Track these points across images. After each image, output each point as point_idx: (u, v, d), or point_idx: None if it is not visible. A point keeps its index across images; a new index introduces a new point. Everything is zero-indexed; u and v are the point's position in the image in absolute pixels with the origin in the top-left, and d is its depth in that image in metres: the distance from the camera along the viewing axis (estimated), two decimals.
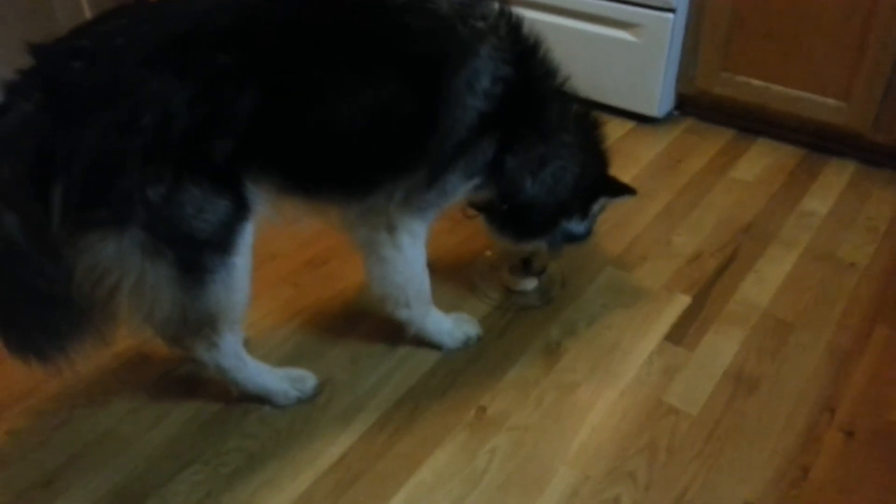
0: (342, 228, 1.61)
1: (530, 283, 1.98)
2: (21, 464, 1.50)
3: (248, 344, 1.76)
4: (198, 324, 1.42)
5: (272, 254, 2.07)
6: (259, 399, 1.61)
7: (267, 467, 1.49)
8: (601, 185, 1.76)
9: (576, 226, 1.78)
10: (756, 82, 2.55)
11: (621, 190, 1.80)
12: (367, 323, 1.84)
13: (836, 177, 2.46)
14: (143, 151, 1.20)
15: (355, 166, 1.45)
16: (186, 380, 1.68)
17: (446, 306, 1.80)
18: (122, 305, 1.33)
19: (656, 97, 2.70)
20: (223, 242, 1.35)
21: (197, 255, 1.33)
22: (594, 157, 1.73)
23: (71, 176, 1.18)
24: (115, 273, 1.27)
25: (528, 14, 2.74)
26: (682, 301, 1.93)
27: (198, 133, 1.24)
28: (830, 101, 2.44)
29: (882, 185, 2.42)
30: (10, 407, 1.61)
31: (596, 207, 1.78)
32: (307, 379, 1.66)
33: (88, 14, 2.85)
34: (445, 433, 1.57)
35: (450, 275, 2.01)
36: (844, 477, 1.49)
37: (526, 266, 1.96)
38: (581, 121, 1.69)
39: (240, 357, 1.55)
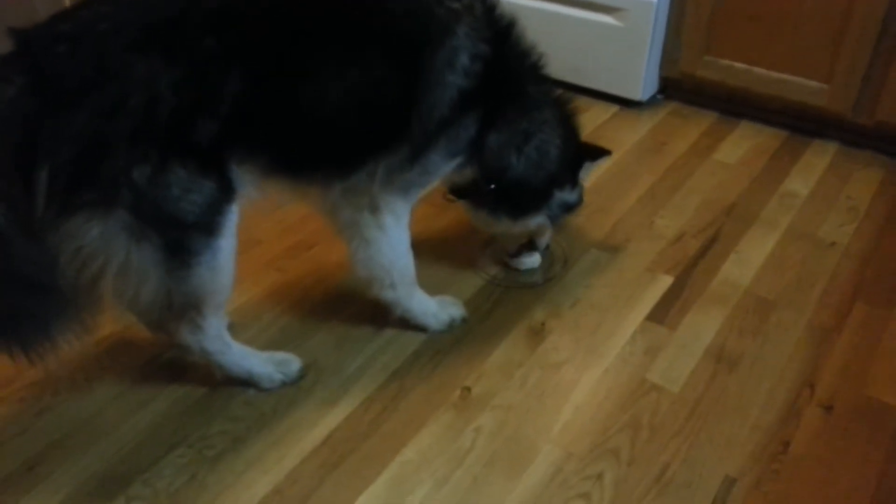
0: (325, 211, 1.61)
1: (537, 261, 1.99)
2: (3, 449, 1.49)
3: (232, 328, 1.76)
4: (183, 307, 1.42)
5: (257, 239, 2.07)
6: (244, 383, 1.61)
7: (252, 449, 1.50)
8: (582, 152, 1.82)
9: (569, 194, 1.82)
10: (739, 65, 2.57)
11: (599, 153, 1.87)
12: (351, 306, 1.84)
13: (818, 158, 2.48)
14: (129, 134, 1.20)
15: (339, 145, 1.46)
16: (170, 365, 1.68)
17: (434, 286, 1.81)
18: (107, 290, 1.32)
19: (640, 81, 2.70)
20: (209, 225, 1.35)
21: (182, 238, 1.32)
22: (571, 130, 1.77)
23: (58, 159, 1.17)
24: (100, 256, 1.26)
25: None
26: (665, 281, 1.94)
27: (184, 115, 1.24)
28: (812, 84, 2.45)
29: (863, 166, 2.44)
30: None
31: (583, 174, 1.83)
32: (291, 362, 1.66)
33: (68, 1, 2.82)
34: (430, 413, 1.58)
35: (437, 257, 2.01)
36: (824, 451, 1.51)
37: (531, 245, 1.97)
38: (554, 98, 1.72)
39: (224, 340, 1.55)
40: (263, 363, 1.62)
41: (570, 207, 1.86)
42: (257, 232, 2.09)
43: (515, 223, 1.80)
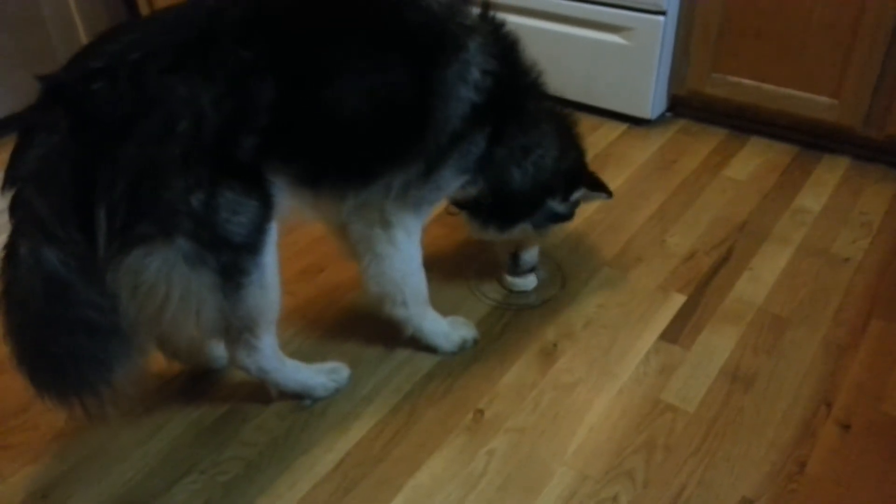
0: (336, 229, 1.63)
1: (530, 283, 1.98)
2: (17, 477, 1.50)
3: None
4: (238, 330, 1.44)
5: None
6: (296, 395, 1.63)
7: (264, 475, 1.49)
8: (583, 177, 1.82)
9: (558, 205, 1.81)
10: (747, 82, 2.56)
11: (600, 187, 1.86)
12: (363, 329, 1.84)
13: (829, 173, 2.47)
14: (181, 159, 1.21)
15: (359, 153, 1.46)
16: (183, 390, 1.68)
17: (444, 309, 1.81)
18: (170, 323, 1.32)
19: (649, 99, 2.71)
20: (255, 243, 1.36)
21: (235, 259, 1.33)
22: (571, 142, 1.78)
23: (114, 195, 1.18)
24: (161, 288, 1.26)
25: (520, 20, 2.78)
26: (678, 300, 1.93)
27: (228, 132, 1.25)
28: (822, 99, 2.45)
29: (875, 180, 2.42)
30: (4, 421, 1.62)
31: (576, 195, 1.82)
32: (341, 369, 1.69)
33: (81, 28, 2.86)
34: (443, 437, 1.57)
35: (448, 278, 2.01)
36: (841, 470, 1.49)
37: (515, 260, 1.96)
38: (556, 114, 1.75)
39: (279, 357, 1.57)
40: (316, 374, 1.65)
41: (558, 218, 1.84)
42: None
43: (502, 233, 1.81)
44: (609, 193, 1.87)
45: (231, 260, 1.32)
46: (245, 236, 1.33)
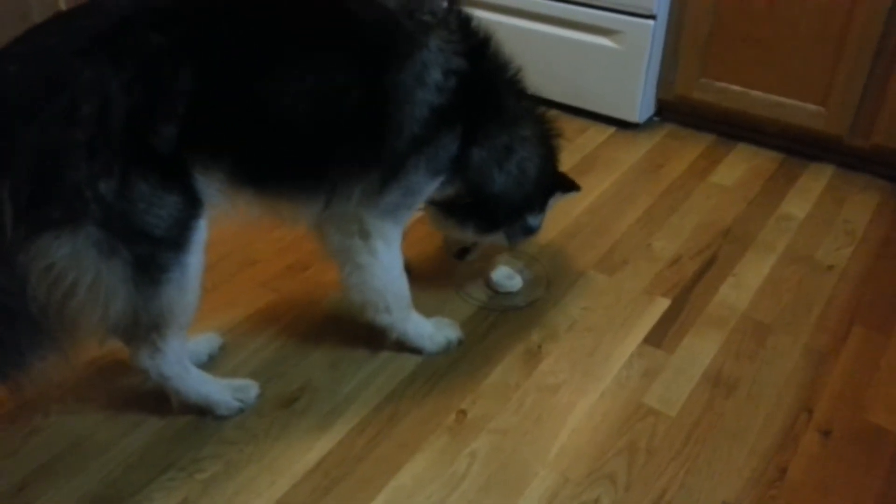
0: (315, 234, 1.60)
1: (516, 285, 1.98)
2: None
3: (225, 349, 1.76)
4: (147, 328, 1.39)
5: (252, 259, 2.06)
6: (200, 410, 1.58)
7: (244, 473, 1.48)
8: (557, 180, 1.81)
9: (533, 219, 1.80)
10: (735, 88, 2.58)
11: (570, 186, 1.85)
12: (347, 328, 1.82)
13: (815, 181, 2.48)
14: (87, 143, 1.18)
15: (303, 157, 1.41)
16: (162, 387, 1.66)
17: (429, 310, 1.80)
18: (76, 310, 1.28)
19: (637, 103, 2.71)
20: (178, 240, 1.32)
21: (153, 253, 1.30)
22: (549, 150, 1.75)
23: (17, 175, 1.16)
24: (70, 274, 1.23)
25: (509, 21, 2.78)
26: (662, 304, 1.93)
27: (140, 119, 1.21)
28: (809, 107, 2.46)
29: (859, 188, 2.44)
30: None
31: (552, 202, 1.82)
32: (249, 388, 1.63)
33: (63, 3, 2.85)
34: (425, 437, 1.56)
35: (432, 279, 2.00)
36: (822, 476, 1.49)
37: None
38: (534, 115, 1.70)
39: (183, 364, 1.51)
40: (221, 389, 1.59)
41: (529, 232, 1.83)
42: (253, 252, 2.08)
43: (479, 237, 1.80)
44: (578, 188, 1.88)
45: (148, 253, 1.29)
46: (165, 230, 1.29)
